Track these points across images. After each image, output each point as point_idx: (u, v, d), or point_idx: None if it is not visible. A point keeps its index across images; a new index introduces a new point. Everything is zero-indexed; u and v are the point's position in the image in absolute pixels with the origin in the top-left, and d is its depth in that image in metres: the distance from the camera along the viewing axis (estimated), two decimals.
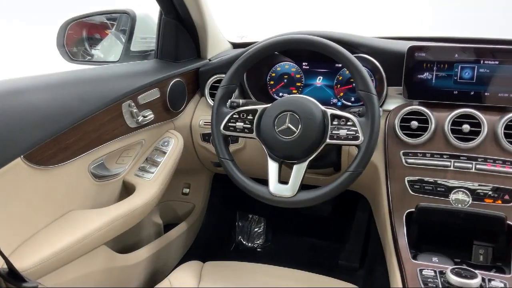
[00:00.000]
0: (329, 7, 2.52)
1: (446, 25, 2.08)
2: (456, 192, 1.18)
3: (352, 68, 1.11)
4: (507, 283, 1.01)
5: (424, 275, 1.04)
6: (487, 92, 1.22)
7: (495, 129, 1.18)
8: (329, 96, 1.45)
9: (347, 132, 1.09)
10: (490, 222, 1.15)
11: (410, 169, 1.24)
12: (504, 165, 1.16)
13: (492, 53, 1.20)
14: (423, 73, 1.26)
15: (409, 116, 1.25)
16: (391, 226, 1.21)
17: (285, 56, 1.50)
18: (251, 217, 2.21)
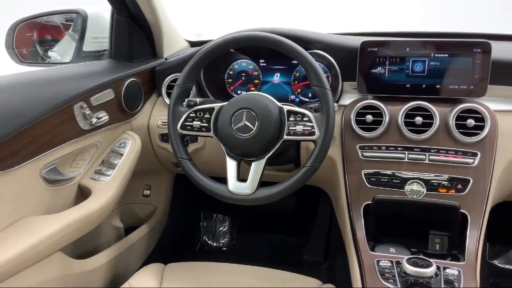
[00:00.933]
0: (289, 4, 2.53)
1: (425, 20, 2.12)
2: (411, 183, 1.21)
3: (306, 64, 1.11)
4: (461, 270, 1.05)
5: (381, 266, 1.06)
6: (438, 84, 1.25)
7: (446, 121, 1.21)
8: (287, 93, 1.46)
9: (303, 128, 1.10)
10: (444, 212, 1.18)
11: (366, 162, 1.26)
12: (456, 155, 1.20)
13: (442, 46, 1.23)
14: (376, 68, 1.28)
15: (364, 110, 1.27)
16: (350, 219, 1.23)
17: (242, 54, 1.49)
18: (215, 216, 2.20)
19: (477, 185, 1.18)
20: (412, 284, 0.99)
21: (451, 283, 1.01)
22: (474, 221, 1.15)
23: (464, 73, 1.22)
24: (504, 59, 1.25)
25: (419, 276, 0.99)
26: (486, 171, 1.18)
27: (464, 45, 1.21)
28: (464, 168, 1.19)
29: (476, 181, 1.18)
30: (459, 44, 1.22)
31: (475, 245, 1.12)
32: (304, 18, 2.32)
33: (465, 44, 1.21)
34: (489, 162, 1.19)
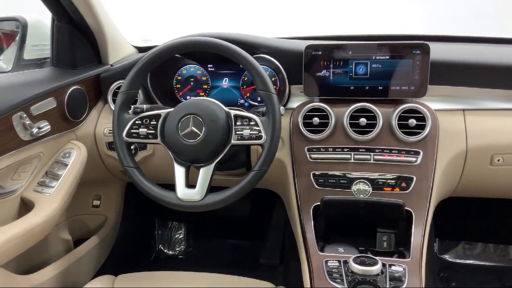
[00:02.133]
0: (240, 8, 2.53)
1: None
2: (358, 183, 1.23)
3: (251, 68, 1.12)
4: (406, 267, 1.07)
5: (329, 266, 1.08)
6: (381, 86, 1.28)
7: (389, 121, 1.25)
8: (236, 97, 1.46)
9: (250, 132, 1.10)
10: (389, 210, 1.21)
11: (314, 164, 1.27)
12: (400, 154, 1.23)
13: (383, 49, 1.26)
14: (321, 71, 1.30)
15: (311, 113, 1.29)
16: (300, 220, 1.24)
17: (190, 59, 1.48)
18: (171, 224, 2.17)
19: (420, 183, 1.21)
20: (359, 282, 1.01)
21: (396, 280, 1.03)
22: (419, 218, 1.19)
23: (405, 74, 1.26)
24: (443, 59, 1.29)
25: (365, 275, 1.01)
26: (428, 169, 1.22)
27: (404, 47, 1.25)
28: (407, 166, 1.23)
29: (419, 179, 1.21)
30: (399, 46, 1.26)
31: (420, 241, 1.15)
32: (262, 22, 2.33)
33: (405, 46, 1.25)
34: (431, 160, 1.23)
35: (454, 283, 1.83)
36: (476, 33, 1.64)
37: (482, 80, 1.29)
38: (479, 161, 1.28)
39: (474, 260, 1.95)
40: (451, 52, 1.39)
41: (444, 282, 1.83)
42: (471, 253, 1.96)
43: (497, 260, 1.94)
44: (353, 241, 1.26)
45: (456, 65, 1.30)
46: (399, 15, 2.13)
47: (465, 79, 1.29)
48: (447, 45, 1.53)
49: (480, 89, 1.30)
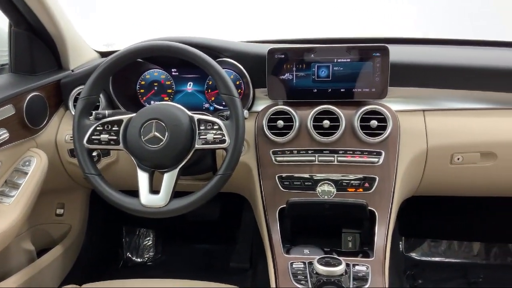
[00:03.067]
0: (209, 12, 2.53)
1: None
2: (322, 185, 1.25)
3: (213, 72, 1.12)
4: (369, 266, 1.09)
5: (294, 267, 1.09)
6: (343, 88, 1.30)
7: (352, 123, 1.26)
8: (201, 101, 1.45)
9: (214, 136, 1.10)
10: (353, 210, 1.23)
11: (279, 166, 1.28)
12: (362, 155, 1.25)
13: (344, 51, 1.28)
14: (284, 74, 1.31)
15: (276, 116, 1.30)
16: (266, 223, 1.25)
17: (153, 63, 1.47)
18: (139, 231, 2.14)
19: (383, 183, 1.24)
20: (323, 283, 1.02)
21: (360, 279, 1.05)
22: (382, 217, 1.21)
23: (366, 77, 1.28)
24: (403, 61, 1.32)
25: (329, 275, 1.02)
26: (390, 169, 1.25)
27: (364, 50, 1.27)
28: (370, 167, 1.25)
29: (382, 179, 1.24)
30: (360, 49, 1.28)
31: (383, 240, 1.17)
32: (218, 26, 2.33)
33: (365, 48, 1.27)
34: (393, 160, 1.25)
35: (420, 280, 1.87)
36: (463, 35, 1.69)
37: (441, 81, 1.32)
38: (440, 160, 1.31)
39: (439, 258, 1.99)
40: (411, 54, 1.42)
41: (410, 280, 1.87)
42: (436, 250, 2.00)
43: (462, 257, 1.99)
44: (319, 242, 1.27)
45: (415, 67, 1.33)
46: (391, 17, 2.16)
47: (425, 81, 1.32)
48: (408, 47, 1.56)
49: (439, 90, 1.33)
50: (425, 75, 1.32)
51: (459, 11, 2.07)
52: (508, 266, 1.95)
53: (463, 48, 1.62)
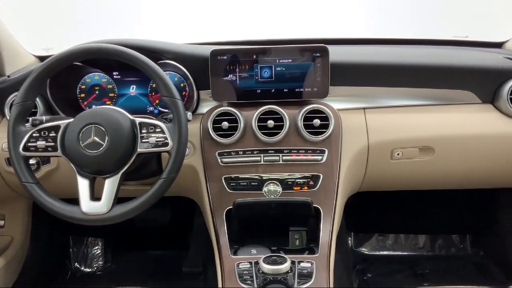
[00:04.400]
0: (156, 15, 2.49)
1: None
2: (268, 184, 1.26)
3: (153, 74, 1.10)
4: (314, 262, 1.11)
5: (241, 268, 1.09)
6: (286, 88, 1.32)
7: (296, 122, 1.28)
8: (145, 105, 1.43)
9: (156, 139, 1.08)
10: (299, 208, 1.25)
11: (226, 168, 1.28)
12: (307, 154, 1.27)
13: (285, 52, 1.30)
14: (228, 75, 1.31)
15: (221, 117, 1.29)
16: (213, 225, 1.24)
17: (93, 67, 1.43)
18: (86, 240, 2.08)
19: (327, 180, 1.26)
20: (270, 281, 1.03)
21: (305, 276, 1.06)
22: (326, 214, 1.23)
23: (308, 76, 1.30)
24: (343, 61, 1.36)
25: (275, 274, 1.03)
26: (333, 166, 1.27)
27: (305, 50, 1.30)
28: (314, 165, 1.27)
29: (326, 176, 1.26)
30: (301, 49, 1.30)
31: (328, 236, 1.19)
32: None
33: (306, 49, 1.30)
34: (336, 158, 1.28)
35: (369, 274, 1.91)
36: (401, 35, 1.75)
37: (380, 79, 1.37)
38: (381, 156, 1.35)
39: (387, 251, 2.05)
40: (351, 54, 1.46)
41: (360, 274, 1.91)
42: (384, 244, 2.06)
43: (409, 249, 2.06)
44: (267, 241, 1.28)
45: (355, 66, 1.36)
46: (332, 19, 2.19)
47: (365, 79, 1.36)
48: (348, 47, 1.61)
49: (379, 88, 1.37)
50: (364, 74, 1.36)
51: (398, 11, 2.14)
52: (452, 257, 2.03)
53: (401, 47, 1.68)
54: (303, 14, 2.10)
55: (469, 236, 2.03)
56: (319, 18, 2.06)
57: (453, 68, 1.38)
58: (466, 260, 1.99)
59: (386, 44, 1.71)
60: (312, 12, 2.11)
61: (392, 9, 2.12)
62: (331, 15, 2.08)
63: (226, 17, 2.11)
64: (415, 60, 1.39)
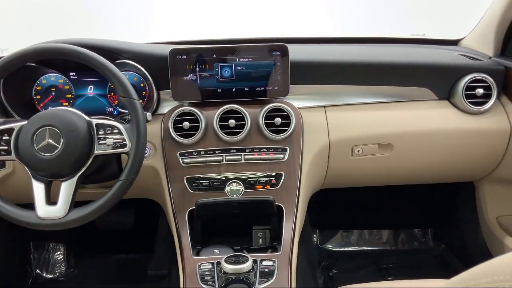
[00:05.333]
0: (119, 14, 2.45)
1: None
2: (231, 184, 1.25)
3: (109, 74, 1.08)
4: (276, 260, 1.11)
5: (202, 269, 1.08)
6: (247, 87, 1.32)
7: (257, 121, 1.28)
8: (104, 105, 1.40)
9: (114, 141, 1.07)
10: (262, 207, 1.25)
11: (187, 168, 1.27)
12: (268, 152, 1.28)
13: (245, 51, 1.30)
14: (188, 75, 1.30)
15: (182, 117, 1.28)
16: (176, 226, 1.23)
17: (49, 68, 1.39)
18: (48, 245, 2.02)
19: (289, 178, 1.26)
20: (232, 281, 1.02)
21: (267, 274, 1.06)
22: (289, 212, 1.24)
23: (268, 75, 1.31)
24: (303, 60, 1.37)
25: (237, 273, 1.03)
26: (295, 164, 1.28)
27: (265, 49, 1.30)
28: (276, 163, 1.27)
29: (288, 175, 1.27)
30: (261, 48, 1.30)
31: (291, 234, 1.20)
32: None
33: (266, 48, 1.30)
34: (297, 156, 1.29)
35: (335, 270, 1.94)
36: (362, 33, 1.77)
37: (340, 77, 1.38)
38: (342, 153, 1.37)
39: (352, 247, 2.08)
40: (311, 52, 1.47)
41: (325, 271, 1.93)
42: (349, 240, 2.09)
43: (373, 245, 2.10)
44: (231, 241, 1.27)
45: (315, 65, 1.38)
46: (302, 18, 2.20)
47: (325, 78, 1.38)
48: (307, 46, 1.62)
49: (339, 86, 1.39)
50: (324, 72, 1.37)
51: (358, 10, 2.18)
52: (414, 250, 2.08)
53: (360, 45, 1.71)
54: (263, 13, 2.11)
55: (431, 230, 2.09)
56: (279, 18, 2.08)
57: (411, 66, 1.41)
58: (428, 253, 2.04)
59: (345, 43, 1.73)
60: (272, 11, 2.13)
61: (351, 9, 2.16)
62: (291, 14, 2.10)
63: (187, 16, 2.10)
64: (373, 59, 1.42)
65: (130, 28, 2.12)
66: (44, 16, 2.19)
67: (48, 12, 2.23)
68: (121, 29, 2.15)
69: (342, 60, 1.39)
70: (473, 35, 1.67)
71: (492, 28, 1.48)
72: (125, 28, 2.17)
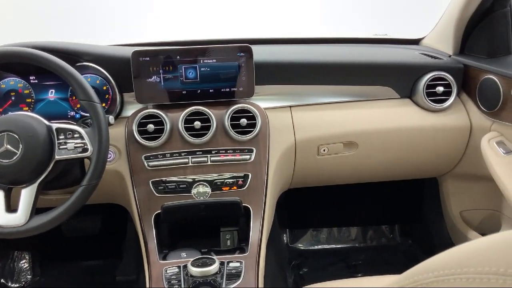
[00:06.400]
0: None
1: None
2: (197, 186, 1.25)
3: (68, 77, 1.06)
4: (243, 262, 1.11)
5: (169, 273, 1.07)
6: (212, 89, 1.31)
7: (223, 122, 1.28)
8: (66, 109, 1.37)
9: (75, 145, 1.05)
10: (229, 208, 1.25)
11: (153, 171, 1.25)
12: (235, 154, 1.27)
13: (209, 52, 1.29)
14: (151, 77, 1.29)
15: (146, 120, 1.27)
16: (142, 231, 1.21)
17: (7, 72, 1.35)
18: (12, 254, 1.96)
19: (256, 179, 1.27)
20: (199, 284, 1.02)
21: (234, 276, 1.06)
22: (256, 213, 1.24)
23: (233, 76, 1.30)
24: (266, 60, 1.37)
25: (204, 276, 1.02)
26: (262, 164, 1.28)
27: (229, 50, 1.29)
28: (242, 164, 1.27)
29: (254, 175, 1.27)
30: (224, 49, 1.30)
31: (258, 235, 1.20)
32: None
33: (230, 49, 1.30)
34: (264, 156, 1.29)
35: (305, 269, 1.95)
36: (325, 34, 1.79)
37: (304, 78, 1.39)
38: (308, 153, 1.38)
39: (322, 245, 2.10)
40: (275, 53, 1.48)
41: (295, 270, 1.94)
42: (318, 239, 2.11)
43: (342, 242, 2.12)
44: (199, 244, 1.27)
45: (279, 65, 1.38)
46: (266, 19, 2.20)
47: (289, 78, 1.38)
48: (272, 47, 1.63)
49: (304, 86, 1.40)
50: (288, 72, 1.38)
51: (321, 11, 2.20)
52: (382, 246, 2.11)
53: (324, 46, 1.72)
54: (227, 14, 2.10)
55: (398, 226, 2.12)
56: (243, 19, 2.08)
57: (373, 65, 1.43)
58: (396, 249, 2.08)
59: (310, 43, 1.75)
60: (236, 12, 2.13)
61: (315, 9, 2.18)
62: (255, 15, 2.10)
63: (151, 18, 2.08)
64: (337, 59, 1.43)
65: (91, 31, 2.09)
66: (19, 18, 2.14)
67: (23, 15, 2.18)
68: (90, 32, 2.12)
69: (306, 61, 1.41)
70: (433, 34, 1.71)
71: (451, 27, 1.52)
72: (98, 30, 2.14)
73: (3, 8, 2.27)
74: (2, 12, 2.25)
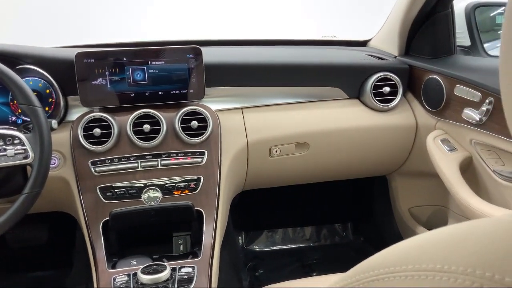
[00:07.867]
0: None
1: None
2: (147, 191, 1.21)
3: (6, 80, 1.01)
4: (195, 266, 1.09)
5: (118, 282, 1.04)
6: (161, 91, 1.28)
7: (173, 125, 1.25)
8: (7, 114, 1.30)
9: (15, 152, 1.00)
10: (180, 212, 1.22)
11: (100, 177, 1.21)
12: (186, 157, 1.25)
13: (158, 54, 1.26)
14: (97, 79, 1.24)
15: (92, 124, 1.22)
16: (89, 239, 1.17)
17: None
18: None
19: (208, 182, 1.25)
20: None
21: (185, 281, 1.04)
22: (209, 216, 1.22)
23: (183, 78, 1.28)
24: (216, 62, 1.36)
25: (154, 283, 1.00)
26: (214, 167, 1.27)
27: (178, 52, 1.27)
28: (194, 167, 1.25)
29: (207, 178, 1.25)
30: (173, 51, 1.27)
31: (211, 238, 1.19)
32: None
33: (179, 50, 1.27)
34: (216, 159, 1.27)
35: (261, 270, 1.95)
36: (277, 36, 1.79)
37: (255, 79, 1.39)
38: (260, 154, 1.38)
39: (277, 246, 2.11)
40: (226, 55, 1.47)
41: (251, 271, 1.94)
42: (273, 240, 2.11)
43: (297, 242, 2.13)
44: (151, 250, 1.23)
45: (229, 67, 1.37)
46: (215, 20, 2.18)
47: (239, 80, 1.38)
48: (222, 49, 1.62)
49: (255, 87, 1.40)
50: (238, 74, 1.37)
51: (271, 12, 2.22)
52: (336, 245, 2.15)
53: (273, 47, 1.73)
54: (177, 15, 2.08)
55: (350, 224, 2.16)
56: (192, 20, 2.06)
57: (322, 66, 1.45)
58: (349, 246, 2.11)
59: (260, 45, 1.75)
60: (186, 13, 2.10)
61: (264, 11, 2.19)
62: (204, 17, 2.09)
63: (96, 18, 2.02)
64: (286, 60, 1.44)
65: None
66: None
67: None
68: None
69: (256, 62, 1.40)
70: (379, 36, 1.75)
71: (396, 28, 1.56)
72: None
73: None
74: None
